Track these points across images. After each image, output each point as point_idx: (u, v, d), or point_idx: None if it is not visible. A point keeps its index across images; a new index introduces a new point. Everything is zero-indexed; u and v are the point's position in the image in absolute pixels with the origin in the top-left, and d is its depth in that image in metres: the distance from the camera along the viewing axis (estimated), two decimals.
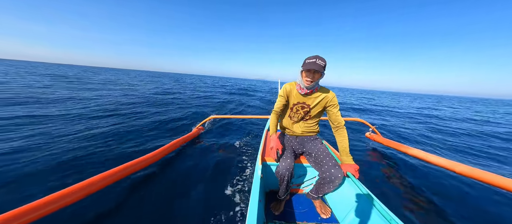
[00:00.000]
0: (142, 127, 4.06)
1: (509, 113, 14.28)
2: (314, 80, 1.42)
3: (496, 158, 3.68)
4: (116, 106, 5.95)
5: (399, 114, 9.31)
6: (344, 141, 1.49)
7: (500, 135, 5.78)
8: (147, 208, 1.75)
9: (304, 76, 1.44)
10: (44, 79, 12.55)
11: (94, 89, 9.69)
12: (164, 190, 2.01)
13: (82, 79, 14.91)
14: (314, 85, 1.46)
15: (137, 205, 1.77)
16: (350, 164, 1.43)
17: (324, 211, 1.54)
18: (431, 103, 20.43)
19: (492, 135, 5.75)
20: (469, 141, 4.88)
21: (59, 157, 2.46)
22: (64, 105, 5.42)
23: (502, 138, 5.41)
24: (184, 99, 8.71)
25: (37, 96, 6.33)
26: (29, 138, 2.95)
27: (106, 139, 3.21)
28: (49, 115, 4.29)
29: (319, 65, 1.34)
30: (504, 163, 3.42)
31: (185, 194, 1.98)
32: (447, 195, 2.19)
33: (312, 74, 1.40)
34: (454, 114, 11.03)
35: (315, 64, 1.34)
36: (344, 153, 1.47)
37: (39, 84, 9.61)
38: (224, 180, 2.24)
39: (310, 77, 1.42)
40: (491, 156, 3.78)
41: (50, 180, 2.01)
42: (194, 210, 1.76)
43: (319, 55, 1.38)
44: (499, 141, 5.05)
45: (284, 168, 1.41)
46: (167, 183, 2.14)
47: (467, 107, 18.31)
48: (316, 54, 1.40)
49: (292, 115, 1.68)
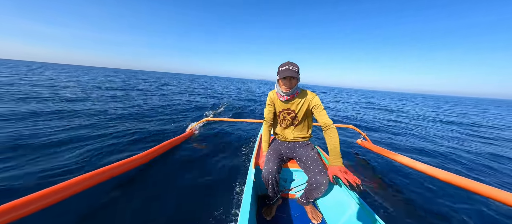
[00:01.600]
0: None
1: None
2: (291, 86, 1.47)
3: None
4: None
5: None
6: (332, 140, 1.42)
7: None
8: (132, 210, 1.72)
9: (281, 84, 1.49)
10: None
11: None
12: (152, 193, 1.97)
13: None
14: (293, 91, 1.51)
15: (122, 207, 1.74)
16: (336, 166, 1.35)
17: (315, 216, 1.55)
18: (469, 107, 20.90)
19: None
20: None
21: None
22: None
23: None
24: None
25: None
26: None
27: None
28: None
29: (293, 71, 1.40)
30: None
31: (174, 197, 1.95)
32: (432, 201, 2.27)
33: (289, 81, 1.46)
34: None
35: (288, 70, 1.40)
36: (332, 153, 1.41)
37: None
38: (216, 183, 2.23)
39: (287, 85, 1.47)
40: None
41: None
42: (184, 213, 1.74)
43: (291, 61, 1.45)
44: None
45: (266, 172, 1.42)
46: (154, 186, 2.10)
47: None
48: (287, 61, 1.46)
49: (281, 122, 1.71)
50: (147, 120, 4.79)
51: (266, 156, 1.58)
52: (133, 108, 6.04)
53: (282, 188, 1.81)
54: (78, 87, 9.82)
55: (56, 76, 15.51)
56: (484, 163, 3.67)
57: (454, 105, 22.81)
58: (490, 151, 4.44)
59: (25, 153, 2.49)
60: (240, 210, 1.10)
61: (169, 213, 1.73)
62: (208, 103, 8.50)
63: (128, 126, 4.06)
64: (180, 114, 5.93)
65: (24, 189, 1.80)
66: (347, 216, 1.38)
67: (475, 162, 3.69)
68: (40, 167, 2.19)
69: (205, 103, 8.46)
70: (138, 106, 6.44)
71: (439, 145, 4.72)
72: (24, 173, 2.07)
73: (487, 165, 3.58)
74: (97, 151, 2.74)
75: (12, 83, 8.90)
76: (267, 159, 1.52)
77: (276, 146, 1.74)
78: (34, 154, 2.49)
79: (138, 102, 7.11)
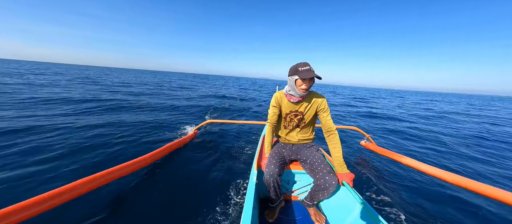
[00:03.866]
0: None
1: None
2: (309, 88, 1.43)
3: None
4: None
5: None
6: (336, 149, 1.47)
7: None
8: (136, 212, 1.71)
9: (300, 84, 1.39)
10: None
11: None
12: (154, 195, 1.97)
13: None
14: (308, 93, 1.48)
15: (126, 210, 1.74)
16: (345, 173, 1.43)
17: (318, 218, 1.53)
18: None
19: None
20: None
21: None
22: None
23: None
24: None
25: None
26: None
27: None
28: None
29: (313, 72, 1.34)
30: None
31: (176, 199, 1.94)
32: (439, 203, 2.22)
33: (308, 82, 1.39)
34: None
35: (310, 71, 1.33)
36: (337, 163, 1.46)
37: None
38: (218, 186, 2.21)
39: (306, 85, 1.39)
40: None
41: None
42: (186, 217, 1.73)
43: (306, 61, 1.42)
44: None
45: (267, 174, 1.41)
46: (158, 188, 2.10)
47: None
48: (305, 62, 1.40)
49: (286, 124, 1.66)
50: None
51: (268, 158, 1.56)
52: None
53: (285, 190, 1.79)
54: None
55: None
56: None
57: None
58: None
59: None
60: (243, 212, 1.09)
61: (172, 215, 1.73)
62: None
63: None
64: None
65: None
66: (351, 218, 1.35)
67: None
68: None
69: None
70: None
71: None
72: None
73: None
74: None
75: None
76: (269, 161, 1.51)
77: (278, 148, 1.72)
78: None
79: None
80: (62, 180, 2.05)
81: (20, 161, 2.34)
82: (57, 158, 2.51)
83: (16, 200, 1.22)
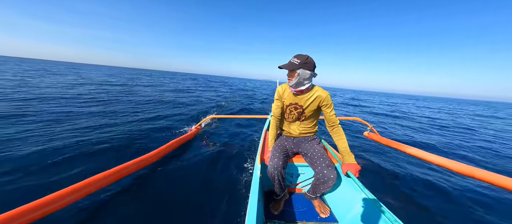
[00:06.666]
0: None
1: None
2: (292, 78, 1.43)
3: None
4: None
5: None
6: (342, 140, 1.50)
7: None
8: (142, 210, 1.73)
9: (288, 77, 1.50)
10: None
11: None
12: (161, 192, 1.99)
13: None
14: (299, 85, 1.46)
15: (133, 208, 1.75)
16: (351, 164, 1.43)
17: (323, 210, 1.54)
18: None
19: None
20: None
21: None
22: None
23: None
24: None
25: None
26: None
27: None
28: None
29: (292, 63, 1.39)
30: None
31: (183, 195, 1.96)
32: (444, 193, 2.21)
33: (289, 73, 1.45)
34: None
35: (289, 63, 1.40)
36: (345, 153, 1.47)
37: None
38: (223, 180, 2.23)
39: (289, 76, 1.46)
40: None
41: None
42: (192, 212, 1.75)
43: (301, 53, 1.44)
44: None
45: (271, 167, 1.42)
46: (164, 184, 2.11)
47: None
48: (296, 54, 1.45)
49: (287, 116, 1.68)
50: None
51: (272, 151, 1.56)
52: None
53: (289, 183, 1.80)
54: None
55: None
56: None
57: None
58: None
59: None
60: (248, 206, 1.10)
61: (177, 210, 1.75)
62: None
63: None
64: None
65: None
66: (356, 209, 1.36)
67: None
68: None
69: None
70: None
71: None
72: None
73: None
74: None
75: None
76: (272, 154, 1.52)
77: (281, 141, 1.73)
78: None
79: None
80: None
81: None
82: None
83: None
